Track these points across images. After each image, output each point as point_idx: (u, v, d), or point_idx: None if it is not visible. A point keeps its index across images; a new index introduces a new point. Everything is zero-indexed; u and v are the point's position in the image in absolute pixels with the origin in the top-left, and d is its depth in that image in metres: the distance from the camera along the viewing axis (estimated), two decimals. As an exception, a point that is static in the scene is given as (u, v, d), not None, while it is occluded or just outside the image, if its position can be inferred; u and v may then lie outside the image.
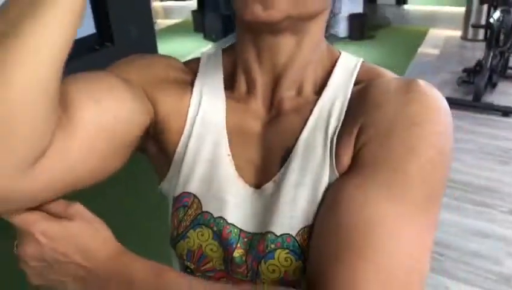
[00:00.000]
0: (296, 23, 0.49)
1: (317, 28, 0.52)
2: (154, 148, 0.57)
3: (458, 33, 5.56)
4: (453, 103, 3.66)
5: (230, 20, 5.58)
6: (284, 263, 0.49)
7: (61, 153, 0.42)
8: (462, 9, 5.48)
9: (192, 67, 0.59)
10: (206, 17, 5.87)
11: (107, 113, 0.47)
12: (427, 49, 5.24)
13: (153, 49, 3.89)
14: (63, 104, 0.43)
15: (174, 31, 6.66)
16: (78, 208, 0.46)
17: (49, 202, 0.45)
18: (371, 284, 0.40)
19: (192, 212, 0.53)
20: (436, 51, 5.12)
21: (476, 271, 2.05)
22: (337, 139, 0.49)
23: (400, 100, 0.47)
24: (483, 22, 4.83)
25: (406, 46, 5.38)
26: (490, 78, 3.76)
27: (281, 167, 0.51)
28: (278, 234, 0.49)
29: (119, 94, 0.49)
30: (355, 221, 0.43)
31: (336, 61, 0.55)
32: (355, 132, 0.48)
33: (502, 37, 3.77)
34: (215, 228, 0.52)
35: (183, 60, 0.61)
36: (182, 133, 0.55)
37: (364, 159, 0.46)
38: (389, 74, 0.53)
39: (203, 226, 0.52)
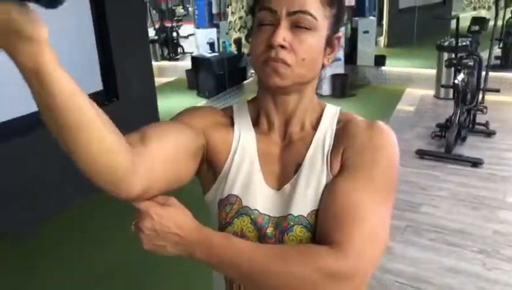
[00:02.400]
0: (298, 87, 0.78)
1: (310, 89, 0.81)
2: (205, 168, 0.83)
3: (432, 92, 6.05)
4: (427, 154, 4.02)
5: (222, 79, 6.01)
6: (299, 234, 0.74)
7: (145, 171, 0.68)
8: (433, 71, 6.02)
9: (228, 113, 0.87)
10: (200, 76, 6.30)
11: (168, 145, 0.73)
12: (404, 106, 5.68)
13: (154, 105, 4.21)
14: (142, 141, 0.70)
15: (169, 88, 7.06)
16: (173, 200, 0.72)
17: (158, 197, 0.71)
18: (357, 239, 0.67)
19: (236, 207, 0.78)
20: (412, 108, 5.57)
21: (450, 303, 2.28)
22: (330, 156, 0.77)
23: (368, 133, 0.76)
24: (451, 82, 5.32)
25: (384, 103, 5.82)
26: (460, 132, 4.15)
27: (295, 174, 0.78)
28: (295, 215, 0.75)
29: (180, 132, 0.76)
30: (344, 203, 0.70)
31: (323, 109, 0.84)
32: (341, 151, 0.76)
33: (468, 96, 4.21)
34: (252, 216, 0.77)
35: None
36: (227, 156, 0.81)
37: (348, 168, 0.74)
38: (358, 117, 0.82)
39: (244, 215, 0.77)
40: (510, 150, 4.14)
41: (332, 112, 0.83)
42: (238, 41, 6.29)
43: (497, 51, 7.11)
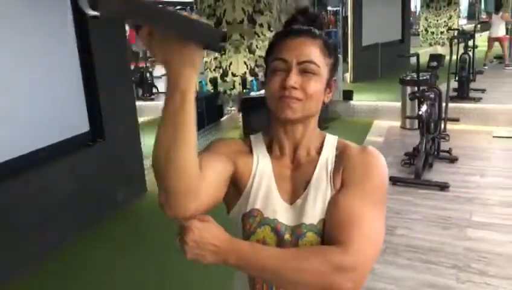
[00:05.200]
0: (304, 119, 0.97)
1: (313, 122, 1.01)
2: (230, 190, 0.98)
3: (398, 123, 6.44)
4: (398, 181, 4.30)
5: (200, 117, 6.19)
6: (311, 239, 0.91)
7: (203, 196, 0.86)
8: (398, 104, 6.44)
9: (247, 143, 1.04)
10: (178, 114, 6.47)
11: (217, 174, 0.92)
12: (373, 137, 6.01)
13: (137, 144, 4.34)
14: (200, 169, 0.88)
15: (148, 127, 7.12)
16: (209, 217, 0.88)
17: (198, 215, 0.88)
18: (355, 240, 0.84)
19: (258, 219, 0.95)
20: (381, 139, 5.90)
21: (429, 315, 2.47)
22: (333, 175, 0.96)
23: (361, 155, 0.96)
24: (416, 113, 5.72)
25: (354, 135, 6.09)
26: (427, 159, 4.48)
27: (304, 190, 0.96)
28: (308, 223, 0.92)
29: (219, 161, 0.95)
30: (345, 212, 0.88)
31: (324, 138, 1.02)
32: (341, 171, 0.95)
33: (432, 125, 4.57)
34: (272, 225, 0.94)
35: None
36: (249, 178, 0.98)
37: (346, 184, 0.93)
38: (352, 144, 1.02)
39: (265, 225, 0.94)
40: (471, 174, 4.48)
41: (331, 140, 1.03)
42: (214, 81, 6.55)
43: (454, 83, 7.70)
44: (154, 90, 9.66)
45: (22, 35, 3.18)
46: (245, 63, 6.54)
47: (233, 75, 6.67)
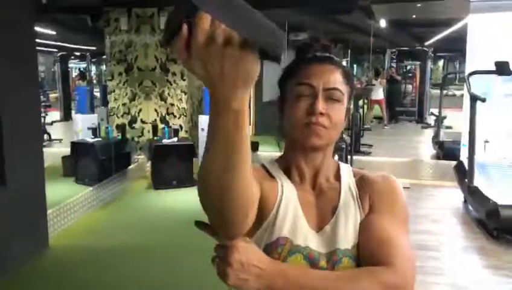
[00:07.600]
0: (326, 147, 0.96)
1: (330, 150, 1.00)
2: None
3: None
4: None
5: (106, 165, 5.80)
6: (347, 264, 0.90)
7: (251, 216, 0.83)
8: (303, 155, 6.82)
9: (264, 169, 1.01)
10: (80, 162, 5.98)
11: (258, 195, 0.89)
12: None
13: (42, 193, 3.89)
14: None
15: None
16: (249, 239, 0.84)
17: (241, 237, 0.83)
18: (398, 260, 0.85)
19: (287, 247, 0.91)
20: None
21: None
22: (360, 199, 0.97)
23: (385, 181, 0.99)
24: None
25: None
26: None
27: (332, 216, 0.95)
28: (342, 249, 0.92)
29: (256, 185, 0.89)
30: (380, 236, 0.90)
31: (338, 165, 1.03)
32: (367, 196, 0.97)
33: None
34: (304, 253, 0.92)
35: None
36: (274, 203, 0.94)
37: (376, 208, 0.95)
38: (366, 171, 1.05)
39: (297, 253, 0.91)
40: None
41: (346, 167, 1.05)
42: (122, 127, 6.27)
43: (347, 138, 8.45)
44: (46, 137, 8.91)
45: None
46: (156, 110, 6.42)
47: (143, 122, 6.48)
